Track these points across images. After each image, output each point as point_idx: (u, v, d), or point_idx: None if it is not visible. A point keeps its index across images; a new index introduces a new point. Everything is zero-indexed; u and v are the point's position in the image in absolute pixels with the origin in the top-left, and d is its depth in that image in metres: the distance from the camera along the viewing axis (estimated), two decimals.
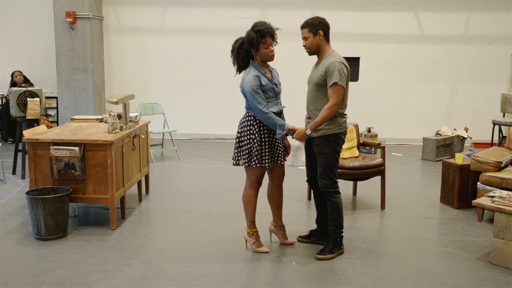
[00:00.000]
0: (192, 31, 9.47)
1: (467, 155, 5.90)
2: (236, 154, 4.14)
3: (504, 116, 8.64)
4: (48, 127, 6.66)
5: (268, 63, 4.11)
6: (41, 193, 4.54)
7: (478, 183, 5.22)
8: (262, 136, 4.02)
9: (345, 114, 4.12)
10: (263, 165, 4.03)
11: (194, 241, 4.51)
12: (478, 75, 9.37)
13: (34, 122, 6.65)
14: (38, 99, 6.67)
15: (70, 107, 9.01)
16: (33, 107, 6.58)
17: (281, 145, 4.15)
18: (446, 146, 8.27)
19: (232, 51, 4.05)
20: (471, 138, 8.61)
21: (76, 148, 4.52)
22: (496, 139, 8.54)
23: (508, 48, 9.23)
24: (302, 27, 4.08)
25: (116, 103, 5.00)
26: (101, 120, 5.66)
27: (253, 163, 4.02)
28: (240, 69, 4.08)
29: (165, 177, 7.00)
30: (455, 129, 8.52)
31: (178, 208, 5.47)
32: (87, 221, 5.09)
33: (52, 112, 9.52)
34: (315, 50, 4.09)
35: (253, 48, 3.93)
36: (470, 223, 5.09)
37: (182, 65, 9.55)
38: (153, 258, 4.14)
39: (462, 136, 8.32)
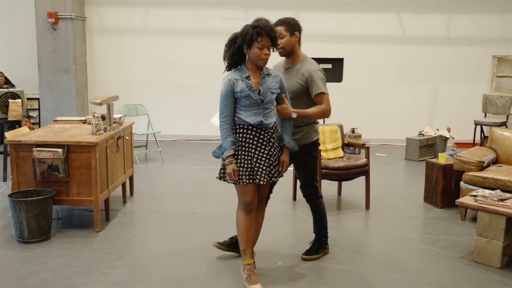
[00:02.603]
0: (175, 32, 9.43)
1: (450, 155, 5.96)
2: (222, 168, 3.60)
3: (485, 116, 8.76)
4: (30, 128, 6.59)
5: (267, 67, 3.60)
6: (24, 196, 4.48)
7: (461, 182, 5.28)
8: (238, 148, 3.52)
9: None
10: (239, 182, 3.51)
11: (179, 242, 4.49)
12: (460, 76, 9.48)
13: (15, 124, 6.57)
14: (19, 100, 6.58)
15: (52, 109, 8.90)
16: (15, 108, 6.50)
17: (269, 161, 3.56)
18: (429, 146, 8.34)
19: (226, 45, 3.56)
20: (453, 138, 8.71)
21: (60, 150, 4.47)
22: (478, 139, 8.65)
23: (489, 49, 9.35)
24: (278, 24, 3.84)
25: (100, 104, 4.96)
26: (84, 122, 5.61)
27: (228, 177, 3.53)
28: (229, 66, 3.55)
29: (150, 178, 6.96)
30: (437, 129, 8.60)
31: (162, 210, 5.44)
32: (71, 223, 5.03)
33: (34, 114, 9.40)
34: (289, 51, 3.90)
35: (245, 45, 3.44)
36: (454, 222, 5.15)
37: (165, 66, 9.50)
38: (138, 260, 4.12)
39: (444, 136, 8.41)
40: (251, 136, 3.52)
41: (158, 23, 9.41)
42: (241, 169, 3.49)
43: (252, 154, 3.51)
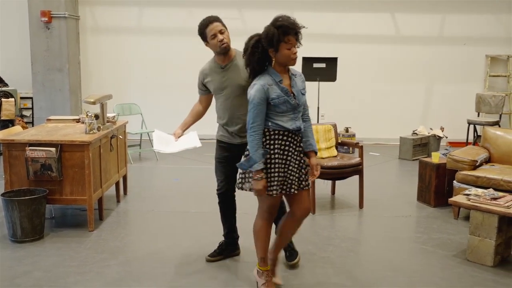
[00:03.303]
0: (169, 31, 9.41)
1: (443, 154, 5.98)
2: (241, 176, 3.39)
3: (478, 115, 8.79)
4: (23, 127, 6.56)
5: (290, 67, 3.38)
6: (17, 195, 4.46)
7: (454, 181, 5.30)
8: (273, 156, 3.28)
9: None
10: (271, 193, 3.29)
11: (173, 242, 4.49)
12: (454, 75, 9.51)
13: (8, 123, 6.55)
14: (12, 99, 6.59)
15: (46, 108, 8.86)
16: (8, 107, 6.49)
17: (300, 168, 3.39)
18: (423, 145, 8.37)
19: (246, 50, 3.33)
20: (446, 138, 8.74)
21: (53, 149, 4.45)
22: (471, 138, 8.68)
23: (482, 49, 9.39)
24: (215, 20, 3.77)
25: (94, 103, 4.95)
26: (78, 121, 5.59)
27: (254, 192, 3.31)
28: (254, 73, 3.31)
29: (143, 178, 6.95)
30: (431, 129, 8.63)
31: (156, 209, 5.43)
32: (64, 222, 5.02)
33: (27, 113, 9.36)
34: (229, 47, 3.75)
35: (272, 48, 3.21)
36: (447, 221, 5.17)
37: (159, 65, 9.48)
38: (132, 259, 4.11)
39: (438, 136, 8.44)
40: (287, 143, 3.29)
41: (152, 22, 9.39)
42: (272, 179, 3.27)
43: (289, 162, 3.30)
